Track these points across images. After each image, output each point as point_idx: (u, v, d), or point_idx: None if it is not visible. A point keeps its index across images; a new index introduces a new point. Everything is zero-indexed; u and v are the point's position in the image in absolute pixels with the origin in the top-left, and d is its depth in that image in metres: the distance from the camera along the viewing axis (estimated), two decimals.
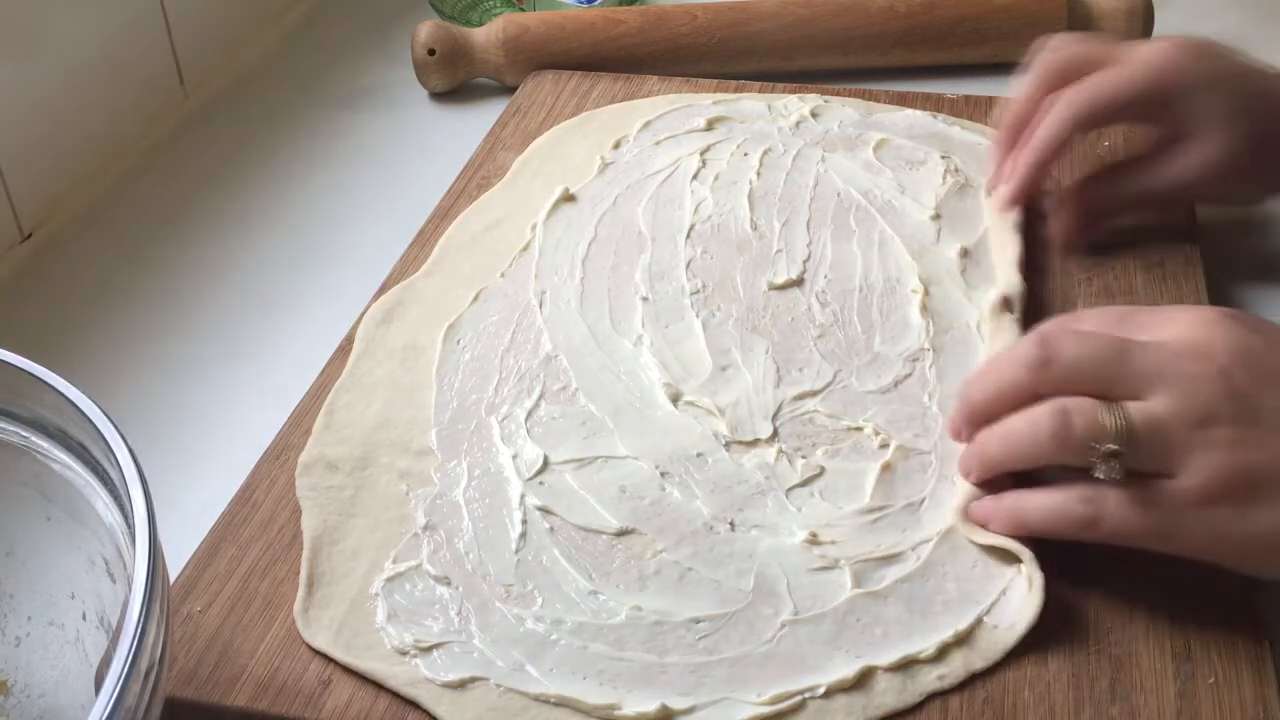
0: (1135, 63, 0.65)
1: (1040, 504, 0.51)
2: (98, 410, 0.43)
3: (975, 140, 0.77)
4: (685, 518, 0.56)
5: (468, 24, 0.98)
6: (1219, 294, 0.68)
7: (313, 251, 0.78)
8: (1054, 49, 0.68)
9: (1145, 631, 0.51)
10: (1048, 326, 0.53)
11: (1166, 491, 0.49)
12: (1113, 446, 0.48)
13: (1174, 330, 0.51)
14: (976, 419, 0.54)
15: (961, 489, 0.55)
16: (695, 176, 0.76)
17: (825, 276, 0.68)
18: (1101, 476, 0.49)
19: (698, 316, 0.66)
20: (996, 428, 0.53)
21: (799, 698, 0.49)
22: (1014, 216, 0.69)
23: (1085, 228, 0.69)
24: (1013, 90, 0.70)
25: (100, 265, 0.78)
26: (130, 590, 0.39)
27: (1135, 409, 0.49)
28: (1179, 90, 0.64)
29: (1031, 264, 0.68)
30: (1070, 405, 0.50)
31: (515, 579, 0.53)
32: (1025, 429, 0.51)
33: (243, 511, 0.57)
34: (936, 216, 0.72)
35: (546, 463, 0.58)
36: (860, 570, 0.53)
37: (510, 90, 0.89)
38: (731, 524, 0.55)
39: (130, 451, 0.42)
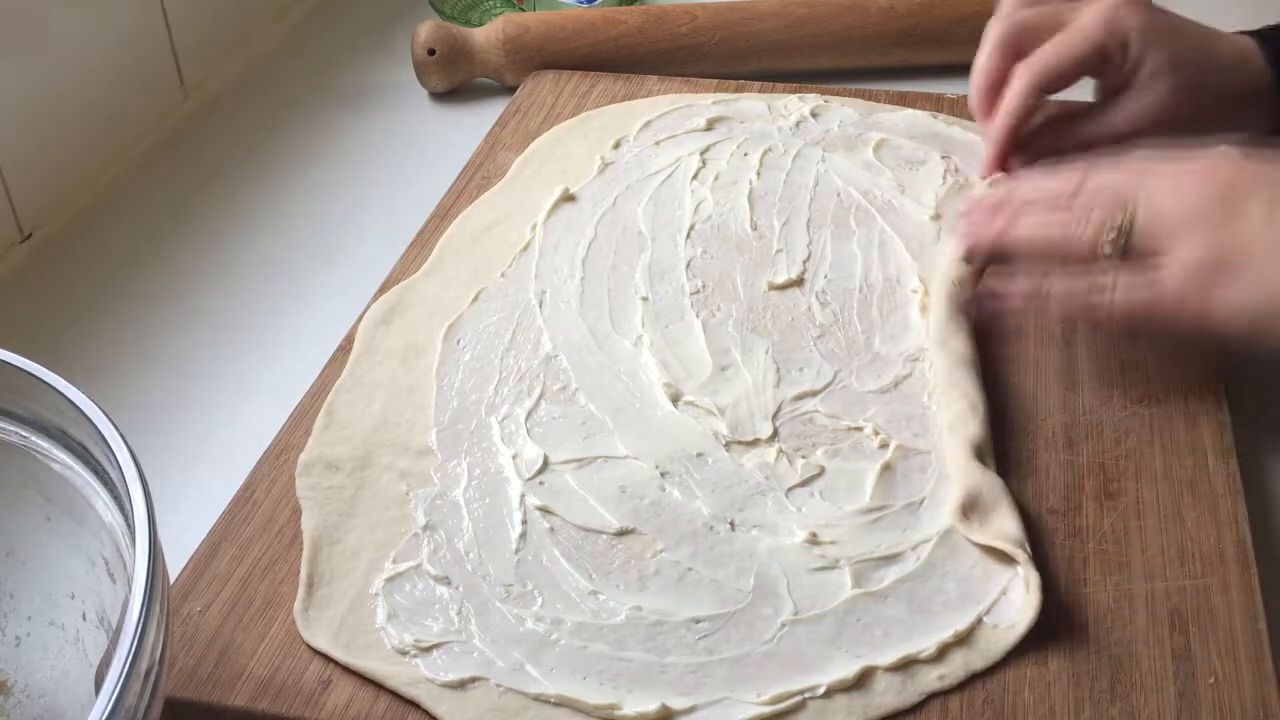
0: (1081, 26, 0.69)
1: (1061, 289, 0.60)
2: (98, 410, 0.43)
3: (975, 140, 0.77)
4: (685, 518, 0.56)
5: (468, 24, 0.98)
6: None
7: (313, 251, 0.78)
8: (1008, 17, 0.72)
9: (1145, 631, 0.51)
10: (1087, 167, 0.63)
11: (1155, 272, 0.58)
12: (1115, 234, 0.58)
13: (1195, 162, 0.60)
14: (1007, 207, 0.63)
15: (956, 489, 0.55)
16: (695, 176, 0.76)
17: (825, 276, 0.68)
18: (1108, 252, 0.59)
19: (698, 316, 0.66)
20: (1027, 216, 0.62)
21: (799, 698, 0.49)
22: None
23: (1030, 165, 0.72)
24: (975, 64, 0.72)
25: (100, 265, 0.78)
26: (130, 590, 0.39)
27: (1144, 219, 0.58)
28: (1120, 46, 0.68)
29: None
30: (1092, 204, 0.60)
31: (515, 579, 0.53)
32: (1057, 221, 0.61)
33: (243, 511, 0.57)
34: (936, 216, 0.72)
35: (546, 463, 0.58)
36: (860, 570, 0.53)
37: (510, 90, 0.89)
38: (731, 524, 0.55)
39: (130, 451, 0.42)
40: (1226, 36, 0.71)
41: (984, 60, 0.72)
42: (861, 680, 0.49)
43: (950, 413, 0.59)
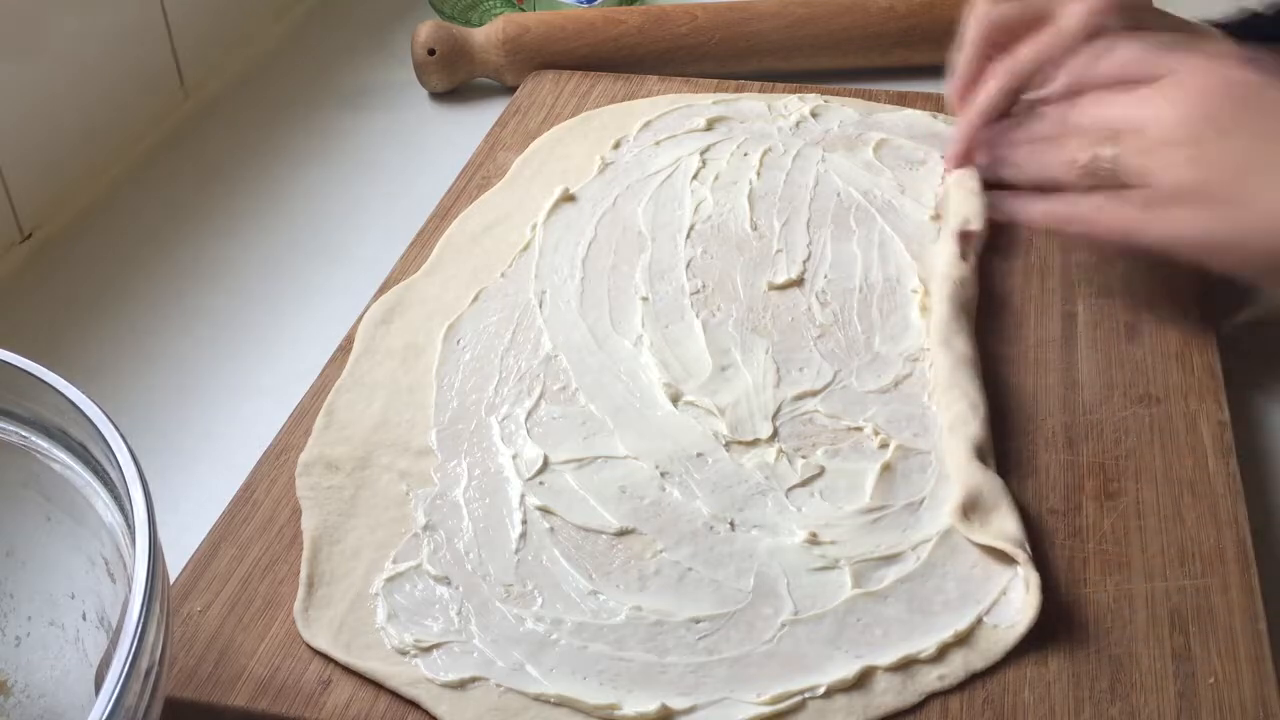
0: (1060, 30, 0.68)
1: (1049, 206, 0.64)
2: (98, 410, 0.43)
3: None
4: (685, 518, 0.56)
5: (468, 24, 0.98)
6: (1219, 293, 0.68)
7: (313, 251, 0.78)
8: (988, 12, 0.71)
9: (1145, 631, 0.51)
10: (1086, 51, 0.65)
11: (1142, 194, 0.60)
12: (1107, 163, 0.61)
13: (1188, 71, 0.60)
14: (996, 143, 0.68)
15: (956, 489, 0.55)
16: (695, 176, 0.76)
17: (825, 276, 0.68)
18: (1093, 182, 0.61)
19: (698, 316, 0.66)
20: (1027, 148, 0.66)
21: (799, 698, 0.49)
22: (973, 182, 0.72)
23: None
24: (953, 60, 0.72)
25: (100, 265, 0.78)
26: (130, 590, 0.39)
27: (1128, 145, 0.60)
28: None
29: (1031, 265, 0.68)
30: (1080, 137, 0.62)
31: (515, 579, 0.53)
32: (1054, 150, 0.64)
33: (243, 511, 0.57)
34: (936, 216, 0.72)
35: (546, 463, 0.58)
36: (860, 570, 0.53)
37: (510, 90, 0.89)
38: (731, 524, 0.55)
39: (130, 451, 0.42)
40: (1200, 30, 0.71)
41: (963, 56, 0.72)
42: (861, 680, 0.49)
43: (950, 413, 0.59)
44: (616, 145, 0.79)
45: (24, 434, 0.47)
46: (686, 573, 0.54)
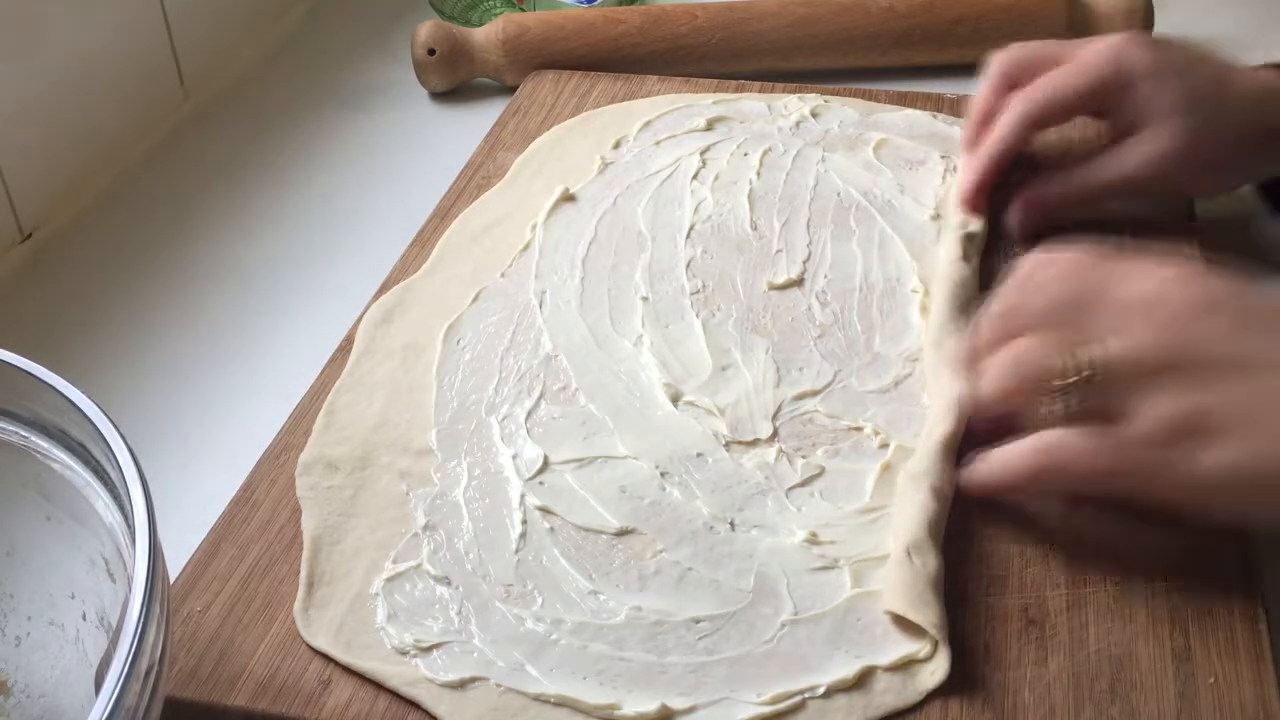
0: (1084, 60, 0.66)
1: (1001, 458, 0.53)
2: (98, 410, 0.43)
3: None
4: (685, 518, 0.56)
5: (468, 24, 0.98)
6: None
7: (313, 251, 0.78)
8: (1009, 50, 0.70)
9: (1145, 631, 0.51)
10: (1017, 275, 0.56)
11: (1118, 434, 0.50)
12: (1061, 383, 0.51)
13: (1142, 284, 0.52)
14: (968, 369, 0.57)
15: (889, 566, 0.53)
16: (695, 176, 0.76)
17: (825, 276, 0.68)
18: (1057, 410, 0.51)
19: (698, 316, 0.66)
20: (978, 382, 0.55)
21: (799, 698, 0.49)
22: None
23: (1031, 222, 0.69)
24: (975, 95, 0.71)
25: (100, 265, 0.78)
26: (130, 590, 0.39)
27: (1087, 351, 0.51)
28: (1125, 84, 0.65)
29: None
30: (1021, 349, 0.53)
31: (515, 579, 0.53)
32: (994, 373, 0.54)
33: (243, 511, 0.57)
34: (936, 216, 0.72)
35: (546, 463, 0.58)
36: (860, 570, 0.53)
37: (510, 90, 0.89)
38: (731, 524, 0.55)
39: (130, 451, 0.42)
40: (1248, 71, 0.67)
41: (982, 91, 0.70)
42: (861, 680, 0.49)
43: (930, 411, 0.59)
44: (616, 145, 0.79)
45: (24, 434, 0.47)
46: (686, 573, 0.54)
